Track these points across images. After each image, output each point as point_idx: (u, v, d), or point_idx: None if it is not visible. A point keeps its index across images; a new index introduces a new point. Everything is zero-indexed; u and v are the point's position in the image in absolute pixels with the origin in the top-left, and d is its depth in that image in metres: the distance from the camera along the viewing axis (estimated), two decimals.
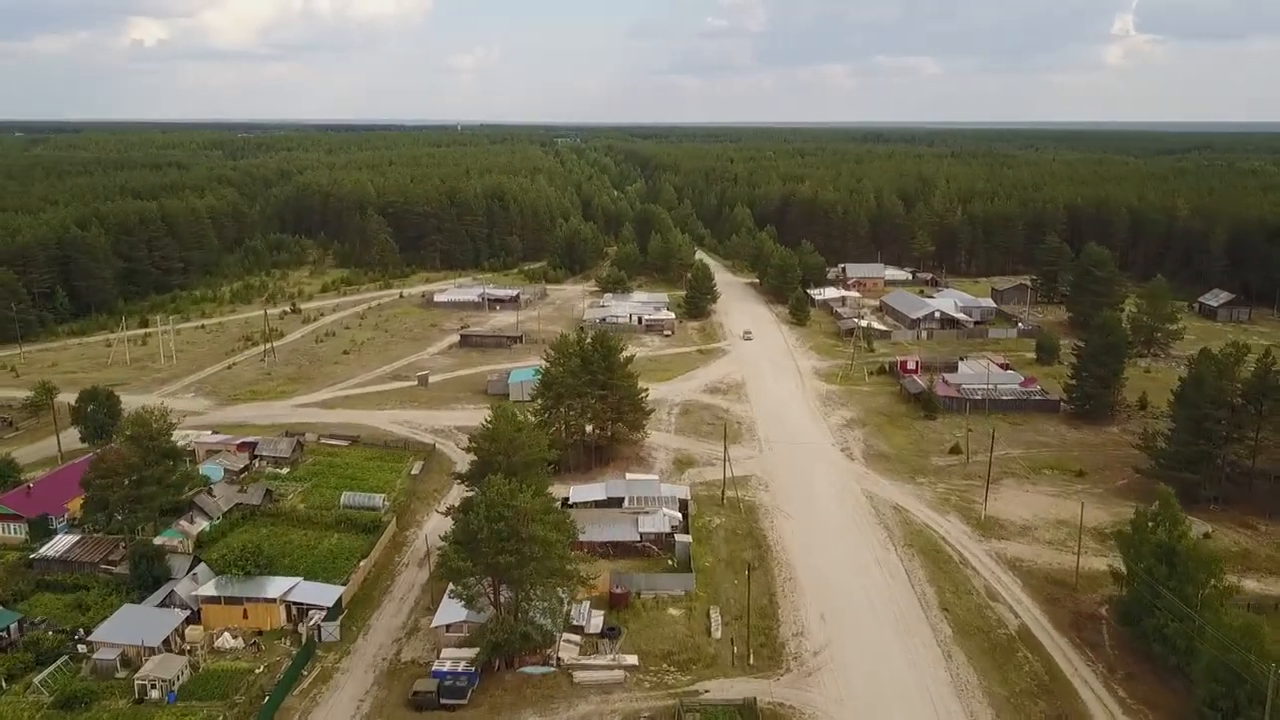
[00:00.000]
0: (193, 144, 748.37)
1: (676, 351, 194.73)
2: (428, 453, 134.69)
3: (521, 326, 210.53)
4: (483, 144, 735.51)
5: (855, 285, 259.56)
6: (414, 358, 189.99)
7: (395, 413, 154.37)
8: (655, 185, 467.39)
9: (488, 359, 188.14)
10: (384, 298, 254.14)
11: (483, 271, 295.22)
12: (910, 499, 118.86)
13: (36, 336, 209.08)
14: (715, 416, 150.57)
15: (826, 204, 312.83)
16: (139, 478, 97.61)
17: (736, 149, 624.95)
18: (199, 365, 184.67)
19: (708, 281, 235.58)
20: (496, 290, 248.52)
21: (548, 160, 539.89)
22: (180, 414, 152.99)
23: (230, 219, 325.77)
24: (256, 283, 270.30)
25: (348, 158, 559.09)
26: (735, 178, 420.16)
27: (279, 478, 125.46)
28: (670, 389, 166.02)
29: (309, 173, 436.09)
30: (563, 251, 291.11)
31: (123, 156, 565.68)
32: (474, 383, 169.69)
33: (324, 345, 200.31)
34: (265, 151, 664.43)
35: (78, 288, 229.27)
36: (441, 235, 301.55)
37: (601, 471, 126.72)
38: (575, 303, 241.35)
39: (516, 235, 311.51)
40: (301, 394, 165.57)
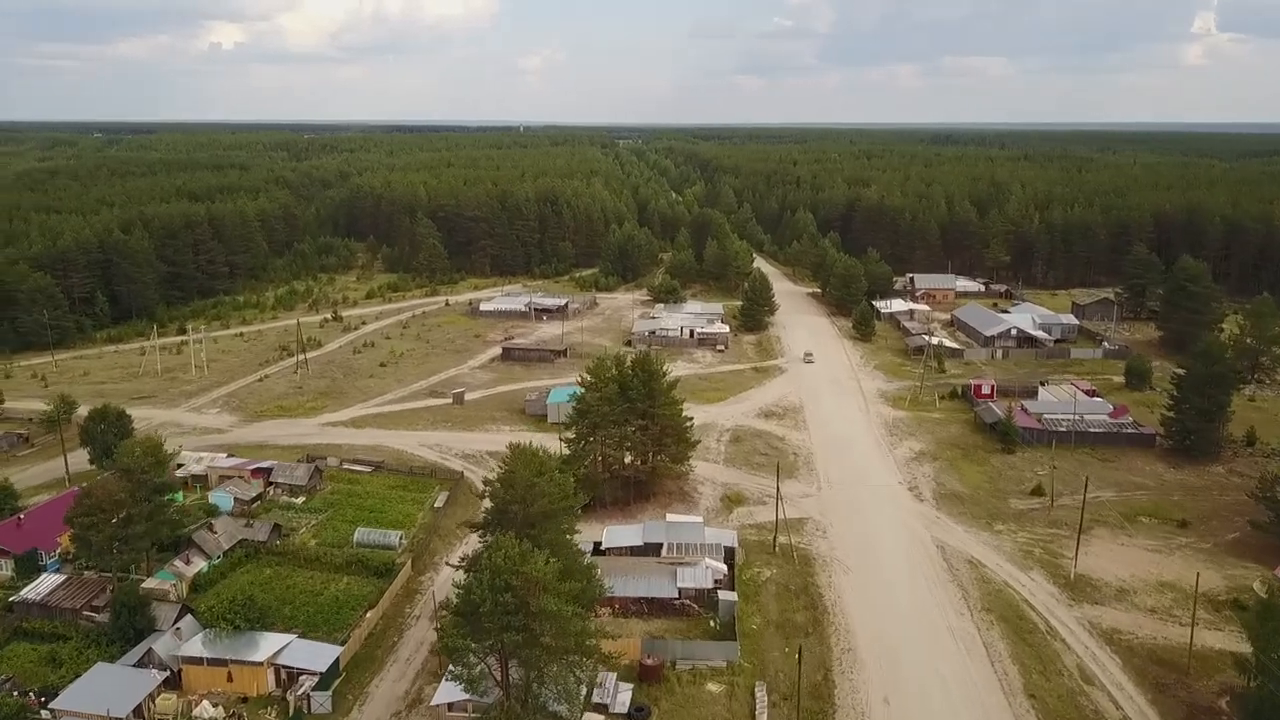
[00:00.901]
0: (258, 145, 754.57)
1: (730, 369, 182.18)
2: (454, 482, 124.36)
3: (566, 339, 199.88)
4: (543, 146, 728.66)
5: (924, 297, 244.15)
6: (453, 371, 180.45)
7: (426, 434, 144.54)
8: (715, 188, 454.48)
9: (530, 374, 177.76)
10: (429, 305, 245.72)
11: (533, 278, 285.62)
12: (988, 550, 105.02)
13: (73, 343, 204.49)
14: (769, 446, 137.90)
15: (894, 209, 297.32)
16: (126, 515, 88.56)
17: (800, 151, 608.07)
18: (230, 377, 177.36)
19: (766, 292, 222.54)
20: (543, 299, 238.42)
21: (606, 162, 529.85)
22: (202, 431, 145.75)
23: (281, 221, 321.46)
24: (302, 288, 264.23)
25: (407, 159, 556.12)
26: (798, 181, 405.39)
27: (293, 508, 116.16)
28: (721, 412, 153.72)
29: (365, 175, 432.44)
30: (615, 258, 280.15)
31: (188, 157, 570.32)
32: (513, 401, 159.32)
33: (361, 357, 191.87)
34: (328, 153, 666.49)
35: (118, 293, 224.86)
36: (492, 240, 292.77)
37: (641, 508, 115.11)
38: (625, 313, 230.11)
39: (569, 241, 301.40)
40: (331, 410, 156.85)
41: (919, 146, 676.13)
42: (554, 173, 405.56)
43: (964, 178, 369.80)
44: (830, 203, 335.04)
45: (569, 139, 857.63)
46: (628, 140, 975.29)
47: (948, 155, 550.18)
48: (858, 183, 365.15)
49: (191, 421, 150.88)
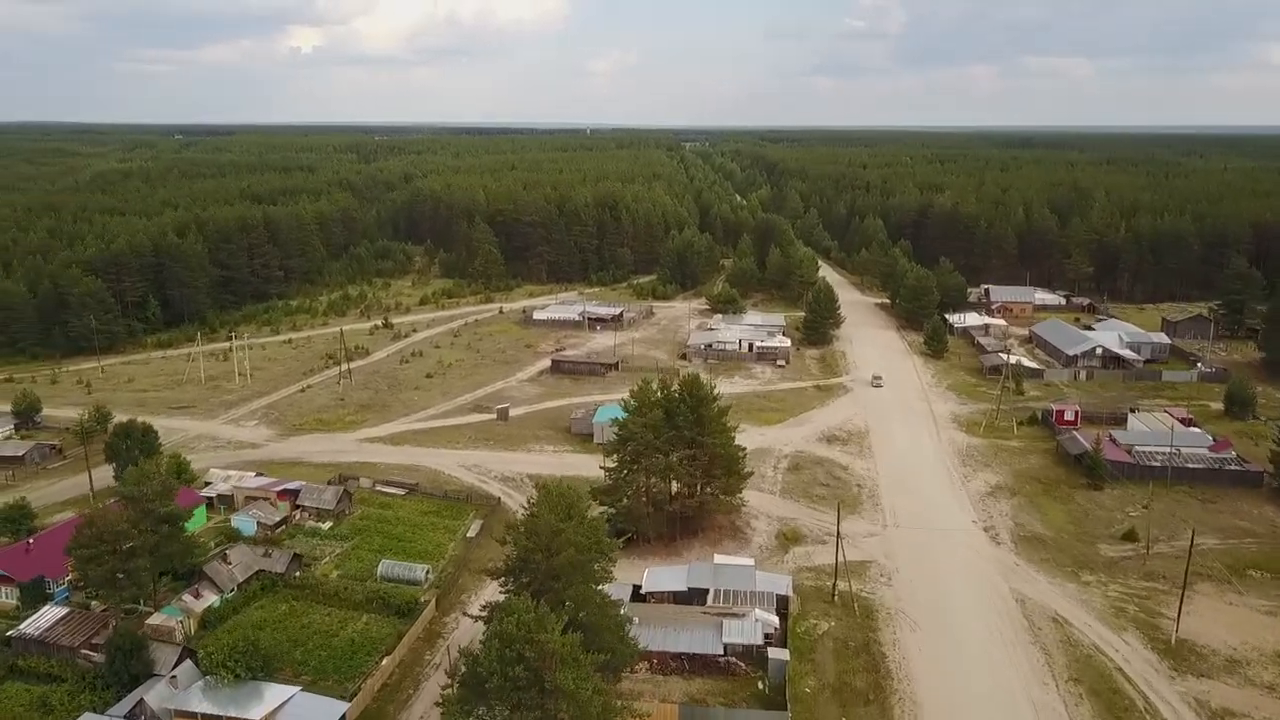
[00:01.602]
0: (328, 147, 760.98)
1: (790, 386, 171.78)
2: (490, 509, 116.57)
3: (619, 351, 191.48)
4: (608, 148, 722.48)
5: (1000, 310, 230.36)
6: (500, 384, 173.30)
7: (467, 453, 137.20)
8: (780, 192, 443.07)
9: (579, 389, 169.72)
10: (482, 313, 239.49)
11: (589, 285, 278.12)
12: (1074, 606, 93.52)
13: (123, 348, 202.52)
14: (831, 475, 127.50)
15: (968, 216, 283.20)
16: (130, 548, 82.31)
17: (870, 154, 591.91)
18: (273, 386, 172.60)
19: (831, 303, 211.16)
20: (597, 308, 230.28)
21: (670, 165, 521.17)
22: (236, 445, 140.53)
23: (340, 224, 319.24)
24: (356, 293, 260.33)
25: (472, 161, 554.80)
26: (867, 185, 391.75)
27: (318, 534, 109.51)
28: (780, 435, 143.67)
29: (428, 178, 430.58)
30: (674, 265, 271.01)
31: (257, 159, 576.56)
32: (559, 418, 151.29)
33: (408, 367, 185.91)
34: (395, 154, 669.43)
35: (171, 297, 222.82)
36: (549, 246, 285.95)
37: (688, 545, 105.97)
38: (682, 324, 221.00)
39: (627, 247, 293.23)
40: (371, 425, 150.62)
41: (994, 150, 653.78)
42: (615, 176, 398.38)
43: (1043, 183, 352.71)
44: (901, 209, 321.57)
45: (634, 141, 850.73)
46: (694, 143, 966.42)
47: (1025, 159, 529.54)
48: (930, 188, 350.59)
49: (227, 434, 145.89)
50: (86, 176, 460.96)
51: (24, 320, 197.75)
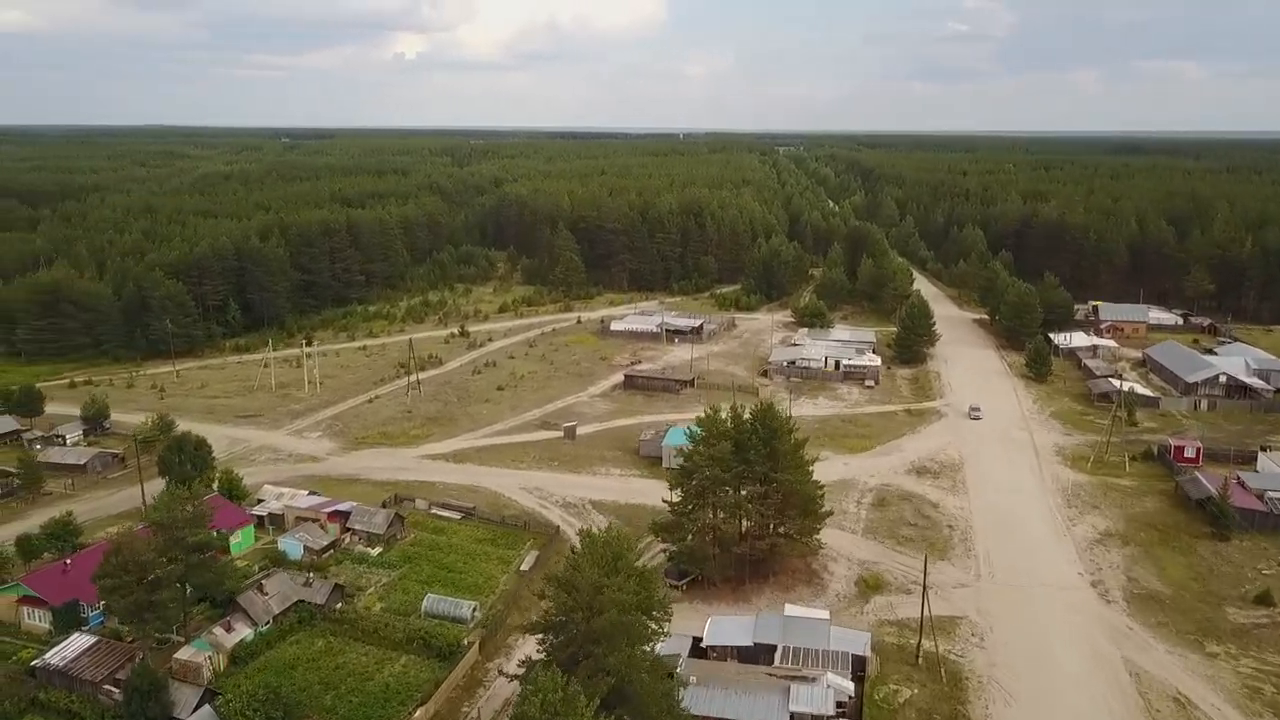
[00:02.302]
0: (425, 150, 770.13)
1: (879, 410, 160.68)
2: (547, 539, 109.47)
3: (696, 366, 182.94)
4: (700, 153, 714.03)
5: (1109, 330, 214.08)
6: (571, 399, 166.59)
7: (529, 474, 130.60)
8: (875, 199, 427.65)
9: (651, 406, 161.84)
10: (560, 322, 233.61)
11: (671, 295, 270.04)
12: (1199, 683, 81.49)
13: (202, 352, 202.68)
14: (920, 514, 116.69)
15: (1075, 227, 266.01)
16: (155, 579, 77.48)
17: (970, 160, 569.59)
18: (342, 396, 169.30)
19: (925, 319, 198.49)
20: (677, 319, 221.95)
21: (761, 170, 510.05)
22: (297, 458, 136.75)
23: (425, 229, 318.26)
24: (436, 299, 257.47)
25: (563, 166, 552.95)
26: (967, 193, 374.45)
27: (366, 560, 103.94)
28: (865, 466, 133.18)
29: (517, 182, 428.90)
30: (759, 274, 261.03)
31: (353, 162, 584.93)
32: (628, 438, 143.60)
33: (480, 378, 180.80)
34: (489, 159, 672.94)
35: (251, 300, 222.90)
36: (631, 254, 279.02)
37: (758, 590, 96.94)
38: (765, 338, 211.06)
39: (712, 255, 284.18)
40: (435, 440, 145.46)
41: (1103, 157, 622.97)
42: (703, 182, 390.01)
43: (1157, 193, 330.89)
44: (1002, 218, 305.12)
45: (727, 146, 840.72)
46: (789, 147, 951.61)
47: (1136, 167, 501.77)
48: (1034, 196, 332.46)
49: (289, 446, 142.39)
50: (190, 179, 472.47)
51: (109, 322, 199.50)
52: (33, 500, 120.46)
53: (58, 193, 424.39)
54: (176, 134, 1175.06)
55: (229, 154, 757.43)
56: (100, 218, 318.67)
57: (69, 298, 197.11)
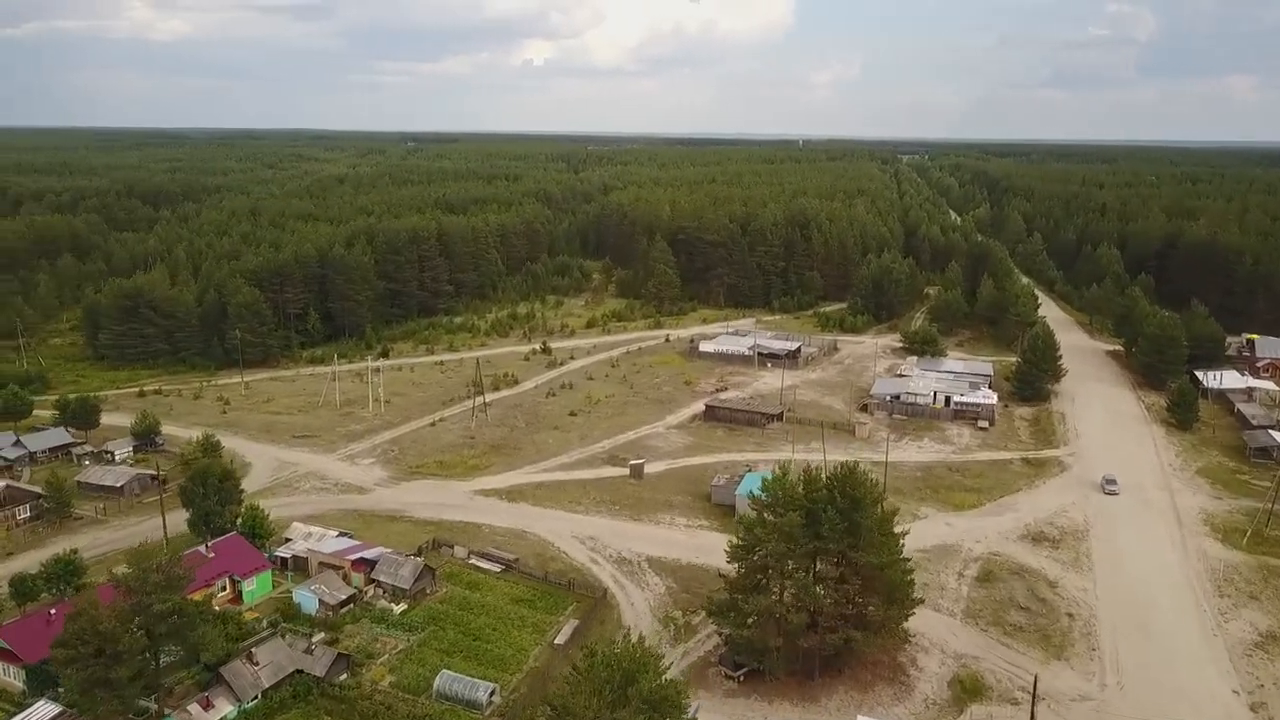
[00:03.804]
0: (542, 155, 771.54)
1: (992, 458, 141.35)
2: (592, 604, 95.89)
3: (788, 396, 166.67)
4: (818, 160, 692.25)
5: (1268, 370, 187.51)
6: (646, 429, 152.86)
7: (584, 519, 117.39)
8: (1001, 212, 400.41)
9: (732, 441, 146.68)
10: (647, 340, 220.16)
11: (770, 312, 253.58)
12: None
13: (277, 361, 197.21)
14: (1034, 594, 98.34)
15: (1229, 249, 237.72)
16: (114, 653, 67.17)
17: (1107, 172, 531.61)
18: (406, 416, 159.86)
19: (1051, 351, 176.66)
20: (771, 341, 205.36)
21: (879, 180, 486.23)
22: (343, 488, 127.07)
23: (523, 237, 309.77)
24: (524, 311, 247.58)
25: (675, 173, 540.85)
26: (1103, 208, 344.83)
27: (387, 619, 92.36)
28: (971, 527, 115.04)
29: (625, 189, 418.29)
30: (868, 293, 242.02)
31: (468, 167, 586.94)
32: (701, 480, 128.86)
33: (553, 401, 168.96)
34: (603, 165, 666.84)
35: (333, 309, 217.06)
36: (729, 268, 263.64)
37: (828, 688, 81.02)
38: (868, 365, 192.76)
39: (817, 270, 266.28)
40: (492, 472, 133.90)
41: (1259, 169, 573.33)
42: (814, 191, 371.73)
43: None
44: (1142, 236, 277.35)
45: (848, 154, 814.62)
46: (912, 156, 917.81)
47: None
48: (1179, 213, 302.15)
49: (338, 473, 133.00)
50: (306, 182, 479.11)
51: (187, 329, 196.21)
52: (60, 525, 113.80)
53: (180, 194, 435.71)
54: (310, 137, 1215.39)
55: (354, 157, 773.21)
56: (208, 220, 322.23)
57: (149, 303, 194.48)
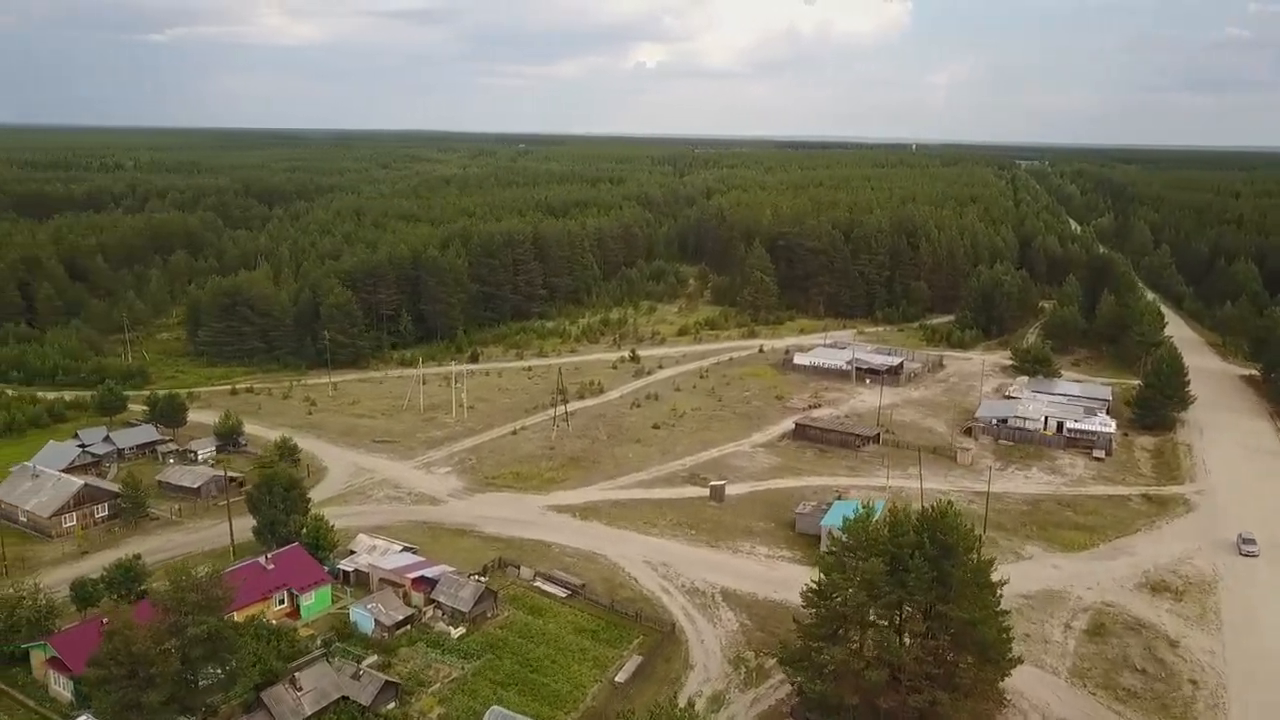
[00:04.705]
0: (648, 158, 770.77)
1: (1107, 492, 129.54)
2: (658, 639, 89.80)
3: (884, 416, 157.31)
4: (931, 165, 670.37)
5: None
6: (731, 446, 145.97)
7: (660, 543, 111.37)
8: (1126, 222, 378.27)
9: (823, 464, 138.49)
10: (740, 350, 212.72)
11: (873, 324, 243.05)
12: None
13: (367, 362, 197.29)
14: (1151, 654, 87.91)
15: None
16: (147, 675, 64.42)
17: (1244, 181, 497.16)
18: (488, 424, 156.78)
19: (1178, 375, 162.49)
20: (871, 355, 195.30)
21: (995, 187, 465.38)
22: (416, 498, 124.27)
23: (620, 241, 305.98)
24: (616, 317, 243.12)
25: (781, 177, 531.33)
26: (1239, 219, 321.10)
27: (442, 644, 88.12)
28: (1080, 571, 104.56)
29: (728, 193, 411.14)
30: (977, 306, 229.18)
31: (573, 169, 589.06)
32: (785, 505, 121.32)
33: (637, 412, 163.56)
34: (707, 168, 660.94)
35: (425, 311, 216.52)
36: (830, 276, 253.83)
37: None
38: (975, 384, 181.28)
39: (924, 281, 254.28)
40: (569, 486, 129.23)
41: None
42: (924, 198, 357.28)
43: None
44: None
45: (962, 159, 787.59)
46: (1031, 162, 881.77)
47: None
48: None
49: (412, 483, 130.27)
50: (413, 183, 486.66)
51: (282, 328, 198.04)
52: (136, 525, 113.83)
53: (294, 193, 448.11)
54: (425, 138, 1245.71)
55: (465, 158, 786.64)
56: (313, 220, 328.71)
57: (247, 301, 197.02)
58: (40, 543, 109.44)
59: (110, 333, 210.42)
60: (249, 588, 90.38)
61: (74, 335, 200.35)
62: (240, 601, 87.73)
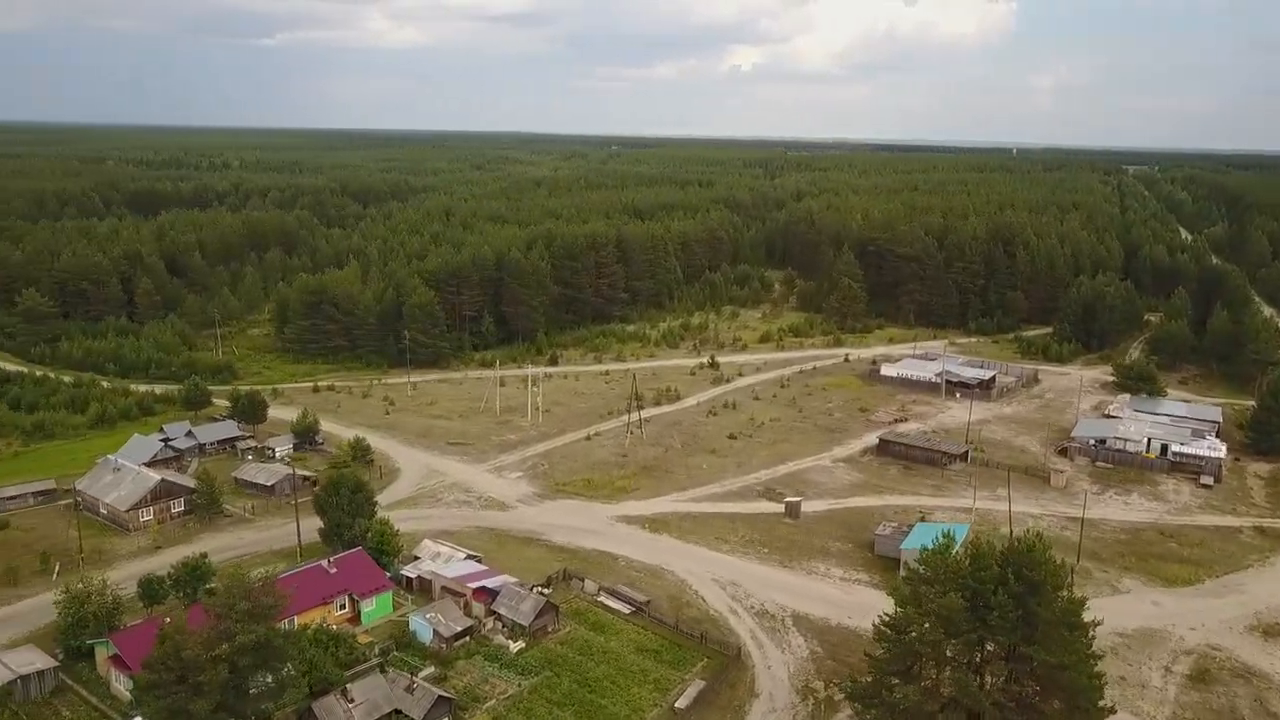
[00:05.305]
0: (739, 161, 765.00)
1: (1215, 523, 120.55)
2: (722, 665, 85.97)
3: (974, 432, 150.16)
4: (1032, 171, 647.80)
5: None
6: (810, 460, 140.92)
7: (730, 561, 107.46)
8: (1241, 232, 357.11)
9: (906, 483, 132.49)
10: (824, 359, 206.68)
11: (966, 334, 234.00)
12: None
13: (448, 363, 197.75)
14: (1263, 706, 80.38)
15: None
16: (196, 683, 63.58)
17: None
18: (562, 429, 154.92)
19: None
20: (962, 368, 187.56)
21: (1099, 193, 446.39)
22: (485, 502, 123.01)
23: (704, 245, 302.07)
24: (698, 322, 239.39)
25: (875, 180, 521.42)
26: None
27: (500, 658, 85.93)
28: (1184, 610, 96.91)
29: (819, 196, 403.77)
30: (1077, 318, 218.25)
31: (662, 172, 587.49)
32: (865, 524, 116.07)
33: (713, 421, 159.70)
34: (800, 171, 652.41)
35: (506, 313, 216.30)
36: (921, 285, 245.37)
37: None
38: (1073, 400, 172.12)
39: (1021, 291, 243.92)
40: (640, 496, 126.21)
41: None
42: (1024, 204, 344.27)
43: None
44: None
45: (1064, 163, 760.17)
46: (1140, 167, 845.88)
47: None
48: None
49: (483, 487, 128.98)
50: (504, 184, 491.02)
51: (365, 327, 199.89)
52: (209, 521, 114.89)
53: (388, 193, 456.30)
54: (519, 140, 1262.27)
55: (557, 160, 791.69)
56: (403, 219, 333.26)
57: (332, 299, 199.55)
58: (118, 536, 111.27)
59: (204, 328, 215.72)
60: (311, 591, 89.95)
61: (169, 330, 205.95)
62: (301, 605, 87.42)
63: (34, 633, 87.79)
